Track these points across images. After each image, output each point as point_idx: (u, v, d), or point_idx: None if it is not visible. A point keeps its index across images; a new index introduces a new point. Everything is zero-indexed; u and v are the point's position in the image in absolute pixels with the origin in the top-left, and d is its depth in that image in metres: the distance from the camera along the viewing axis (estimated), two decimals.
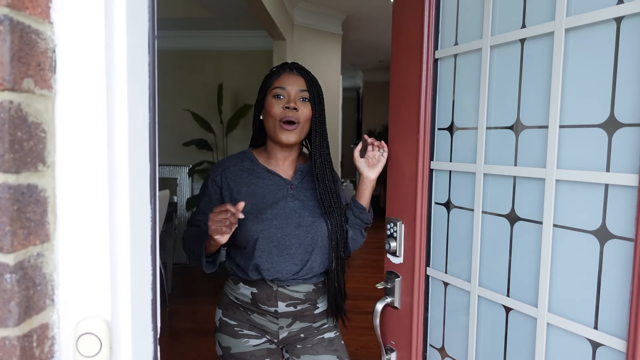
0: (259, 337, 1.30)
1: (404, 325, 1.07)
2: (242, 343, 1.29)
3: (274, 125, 1.24)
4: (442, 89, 0.99)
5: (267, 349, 1.30)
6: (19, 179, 0.46)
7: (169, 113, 4.73)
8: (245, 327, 1.30)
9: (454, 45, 0.95)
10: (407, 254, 1.06)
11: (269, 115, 1.26)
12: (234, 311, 1.31)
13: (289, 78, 1.26)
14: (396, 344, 1.10)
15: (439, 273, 1.01)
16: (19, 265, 0.47)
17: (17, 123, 0.46)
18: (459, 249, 0.96)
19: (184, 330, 3.22)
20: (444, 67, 0.99)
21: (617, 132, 0.67)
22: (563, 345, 0.76)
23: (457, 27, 0.95)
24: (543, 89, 0.78)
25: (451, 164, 0.97)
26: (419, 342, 1.04)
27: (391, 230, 1.09)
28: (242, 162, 1.31)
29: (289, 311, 1.28)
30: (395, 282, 1.08)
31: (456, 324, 0.97)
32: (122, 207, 0.55)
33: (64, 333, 0.53)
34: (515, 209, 0.83)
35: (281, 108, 1.23)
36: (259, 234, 1.22)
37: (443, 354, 1.01)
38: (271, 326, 1.29)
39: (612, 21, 0.68)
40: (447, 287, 0.99)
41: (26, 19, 0.47)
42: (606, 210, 0.69)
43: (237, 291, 1.30)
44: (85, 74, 0.53)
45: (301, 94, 1.25)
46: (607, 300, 0.69)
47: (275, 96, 1.25)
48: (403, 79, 1.05)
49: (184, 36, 4.80)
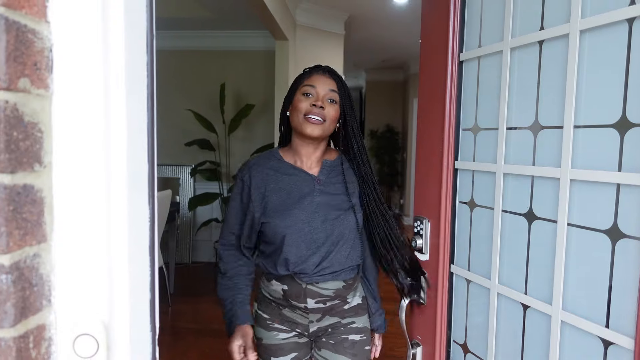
0: (288, 331, 1.35)
1: (429, 320, 1.09)
2: (273, 336, 1.35)
3: (299, 120, 1.27)
4: (467, 90, 1.01)
5: (295, 343, 1.36)
6: (14, 179, 0.46)
7: (171, 113, 4.73)
8: (276, 321, 1.35)
9: (478, 48, 0.97)
10: (433, 252, 1.09)
11: (295, 110, 1.29)
12: (267, 306, 1.37)
13: (320, 78, 1.30)
14: (422, 339, 1.13)
15: (462, 270, 1.03)
16: (15, 266, 0.46)
17: (12, 123, 0.45)
18: (480, 247, 0.98)
19: (186, 330, 3.22)
20: (468, 69, 1.01)
21: (629, 132, 0.68)
22: (576, 343, 0.76)
23: (481, 29, 0.97)
24: (559, 89, 0.79)
25: (474, 164, 0.99)
26: (443, 338, 1.07)
27: (418, 228, 1.12)
28: (269, 162, 1.35)
29: (319, 307, 1.30)
30: (422, 278, 1.11)
31: (478, 321, 0.99)
32: (120, 208, 0.55)
33: (60, 334, 0.53)
34: (533, 208, 0.85)
35: (308, 105, 1.27)
36: (286, 229, 1.25)
37: (465, 349, 1.03)
38: (302, 320, 1.34)
39: (625, 22, 0.68)
40: (469, 284, 1.01)
41: (22, 18, 0.47)
42: (618, 210, 0.70)
43: (269, 287, 1.34)
44: (83, 74, 0.52)
45: (330, 94, 1.29)
46: (618, 299, 0.70)
47: (305, 94, 1.28)
48: (430, 82, 1.08)
49: (186, 36, 4.80)
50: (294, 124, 1.30)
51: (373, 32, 5.39)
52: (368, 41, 5.79)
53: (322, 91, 1.28)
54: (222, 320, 1.33)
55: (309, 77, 1.31)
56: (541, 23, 0.82)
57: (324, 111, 1.26)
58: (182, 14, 4.23)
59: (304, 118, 1.26)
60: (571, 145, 0.76)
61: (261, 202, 1.30)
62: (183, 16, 4.27)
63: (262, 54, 4.83)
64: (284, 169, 1.32)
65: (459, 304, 1.04)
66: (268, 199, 1.30)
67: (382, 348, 1.49)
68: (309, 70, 1.35)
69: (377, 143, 7.87)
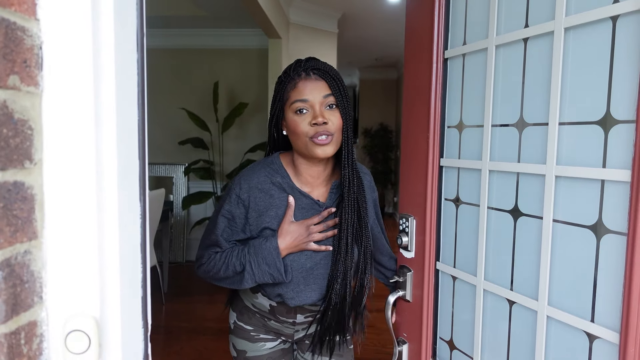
0: (274, 340, 1.29)
1: (415, 318, 1.10)
2: (259, 347, 1.28)
3: (305, 144, 1.09)
4: (452, 87, 1.01)
5: (281, 350, 1.31)
6: (4, 176, 0.46)
7: (165, 112, 4.71)
8: (261, 331, 1.28)
9: (462, 45, 0.97)
10: (418, 249, 1.08)
11: (295, 134, 1.10)
12: (250, 317, 1.27)
13: (308, 85, 1.09)
14: (408, 336, 1.13)
15: (448, 267, 1.03)
16: (6, 263, 0.46)
17: (2, 120, 0.46)
18: (466, 244, 0.98)
19: (180, 328, 3.21)
20: (453, 66, 1.01)
21: (613, 129, 0.68)
22: (562, 338, 0.77)
23: (466, 27, 0.97)
24: (544, 87, 0.79)
25: (459, 161, 0.99)
26: (429, 335, 1.07)
27: (403, 225, 1.12)
28: (272, 178, 1.16)
29: (307, 320, 1.26)
30: (407, 275, 1.11)
31: (463, 317, 0.99)
32: (111, 204, 0.55)
33: (52, 330, 0.53)
34: (519, 204, 0.85)
35: (308, 125, 1.08)
36: (287, 263, 1.14)
37: (452, 346, 1.03)
38: (287, 330, 1.28)
39: (609, 20, 0.69)
40: (455, 281, 1.01)
41: (11, 16, 0.47)
42: (602, 206, 0.70)
43: (254, 299, 1.25)
44: (73, 71, 0.52)
45: (326, 100, 1.09)
46: (603, 294, 0.70)
47: (298, 111, 1.09)
48: (415, 79, 1.07)
49: (179, 35, 4.78)
50: (297, 147, 1.12)
51: (366, 31, 5.40)
52: (361, 39, 5.80)
53: (316, 101, 1.09)
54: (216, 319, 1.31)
55: (294, 87, 1.10)
56: (526, 20, 0.82)
57: (328, 126, 1.08)
58: (175, 12, 4.22)
59: (310, 141, 1.08)
60: (556, 142, 0.76)
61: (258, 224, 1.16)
62: (176, 14, 4.25)
63: (256, 53, 4.82)
64: (288, 192, 1.16)
65: (445, 301, 1.05)
66: (269, 224, 1.15)
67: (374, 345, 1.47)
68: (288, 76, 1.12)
69: (370, 141, 7.89)
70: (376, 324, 1.38)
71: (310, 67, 1.11)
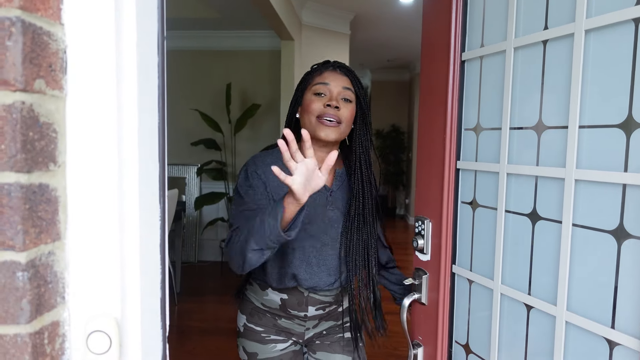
0: (285, 341, 1.29)
1: (430, 321, 1.09)
2: (270, 349, 1.27)
3: (312, 122, 1.16)
4: (469, 90, 1.01)
5: (292, 352, 1.30)
6: (30, 178, 0.47)
7: (178, 113, 4.75)
8: (272, 332, 1.28)
9: (480, 47, 0.97)
10: (434, 252, 1.08)
11: (307, 112, 1.17)
12: (260, 317, 1.28)
13: (332, 75, 1.19)
14: (423, 339, 1.13)
15: (464, 271, 1.02)
16: (31, 264, 0.47)
17: (28, 123, 0.46)
18: (483, 247, 0.98)
19: (192, 328, 3.23)
20: (470, 68, 1.00)
21: (635, 132, 0.67)
22: (581, 344, 0.76)
23: (484, 29, 0.96)
24: (564, 89, 0.78)
25: (476, 164, 0.99)
26: (445, 338, 1.06)
27: (419, 228, 1.12)
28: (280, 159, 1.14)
29: (318, 314, 1.27)
30: (423, 278, 1.11)
31: (480, 322, 0.99)
32: (132, 206, 0.56)
33: (74, 330, 0.54)
34: (537, 208, 0.84)
35: (322, 105, 1.15)
36: (297, 243, 1.17)
37: (467, 350, 1.03)
38: (298, 328, 1.29)
39: (631, 22, 0.68)
40: (471, 285, 1.01)
41: (38, 21, 0.48)
42: (624, 210, 0.69)
43: (264, 297, 1.26)
44: (96, 75, 0.53)
45: (344, 92, 1.18)
46: (624, 300, 0.69)
47: (317, 93, 1.17)
48: (432, 81, 1.07)
49: (192, 36, 4.82)
50: (305, 127, 1.18)
51: (379, 32, 5.38)
52: (374, 41, 5.79)
53: (335, 89, 1.17)
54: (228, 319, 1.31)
55: (319, 74, 1.20)
56: (545, 22, 0.82)
57: (339, 112, 1.15)
58: (188, 14, 4.26)
59: (317, 121, 1.15)
60: (576, 145, 0.75)
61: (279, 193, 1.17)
62: (189, 16, 4.29)
63: (268, 54, 4.84)
64: None
65: (461, 305, 1.04)
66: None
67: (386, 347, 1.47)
68: (317, 66, 1.24)
69: (382, 143, 7.87)
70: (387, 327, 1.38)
71: (338, 65, 1.23)
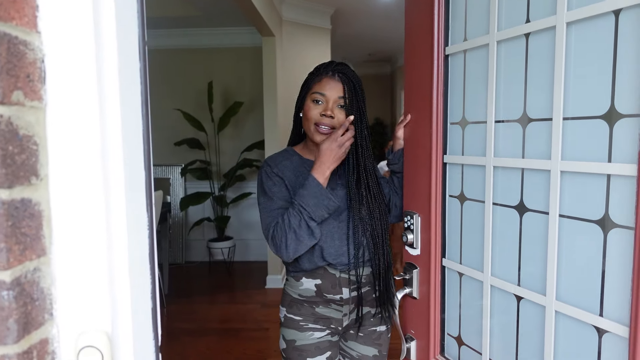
0: (322, 330, 1.36)
1: (422, 314, 1.10)
2: (307, 336, 1.35)
3: (310, 128, 1.31)
4: (453, 84, 1.01)
5: (328, 341, 1.36)
6: (12, 193, 0.45)
7: (160, 113, 4.68)
8: (310, 320, 1.36)
9: (463, 42, 0.97)
10: (424, 246, 1.09)
11: (306, 118, 1.32)
12: (299, 307, 1.37)
13: (329, 83, 1.30)
14: (415, 333, 1.13)
15: (454, 264, 1.03)
16: (16, 282, 0.46)
17: (7, 137, 0.45)
18: (472, 240, 0.98)
19: (181, 330, 3.21)
20: (454, 62, 1.00)
21: (618, 123, 0.68)
22: (571, 333, 0.77)
23: (466, 23, 0.96)
24: (547, 82, 0.79)
25: (463, 158, 0.99)
26: (437, 331, 1.07)
27: (408, 222, 1.12)
28: (291, 157, 1.37)
29: (353, 296, 1.33)
30: (413, 273, 1.11)
31: (471, 313, 0.99)
32: (119, 217, 0.55)
33: (64, 347, 0.52)
34: (524, 200, 0.85)
35: (318, 114, 1.29)
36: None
37: (460, 342, 1.04)
38: (336, 314, 1.35)
39: (611, 14, 0.68)
40: (462, 278, 1.02)
41: (13, 30, 0.46)
42: (609, 200, 0.70)
43: (300, 288, 1.35)
44: (76, 83, 0.52)
45: (339, 100, 1.30)
46: (612, 288, 0.70)
47: (314, 101, 1.31)
48: (416, 76, 1.07)
49: (173, 34, 4.75)
50: (305, 130, 1.34)
51: (359, 26, 5.38)
52: (355, 35, 5.79)
53: (331, 98, 1.29)
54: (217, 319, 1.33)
55: (319, 81, 1.32)
56: (527, 16, 0.82)
57: (334, 120, 1.28)
58: (167, 12, 4.19)
59: (314, 127, 1.30)
60: (561, 137, 0.76)
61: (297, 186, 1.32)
62: (169, 14, 4.22)
63: (249, 51, 4.80)
64: (308, 165, 1.35)
65: (452, 297, 1.05)
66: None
67: None
68: (318, 71, 1.34)
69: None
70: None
71: (338, 70, 1.32)
